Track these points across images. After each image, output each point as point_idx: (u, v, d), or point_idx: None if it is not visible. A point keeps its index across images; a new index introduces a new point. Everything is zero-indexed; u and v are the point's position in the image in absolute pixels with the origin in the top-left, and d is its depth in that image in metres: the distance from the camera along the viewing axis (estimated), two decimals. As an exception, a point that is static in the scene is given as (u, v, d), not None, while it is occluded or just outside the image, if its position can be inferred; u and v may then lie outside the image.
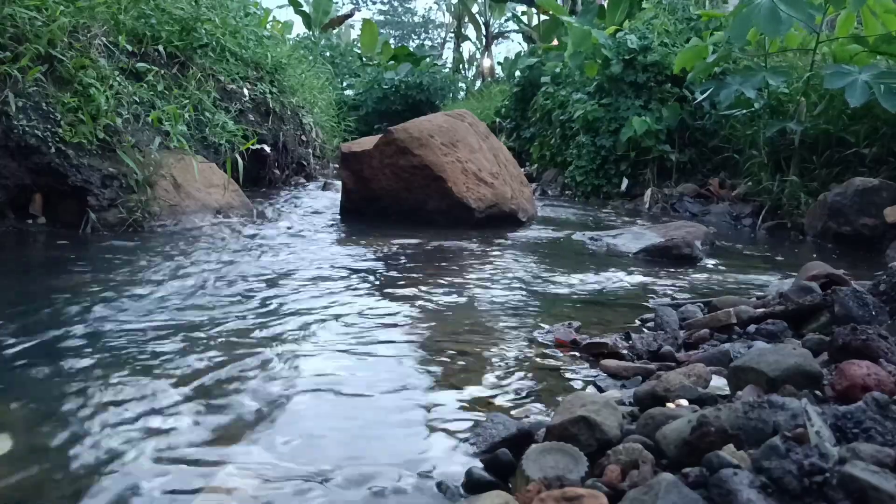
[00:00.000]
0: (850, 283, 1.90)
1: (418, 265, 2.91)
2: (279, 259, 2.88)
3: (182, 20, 4.60)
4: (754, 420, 0.95)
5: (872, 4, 4.35)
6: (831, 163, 4.49)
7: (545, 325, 1.95)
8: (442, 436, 1.22)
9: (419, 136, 4.06)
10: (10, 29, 3.14)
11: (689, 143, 6.10)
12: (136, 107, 3.73)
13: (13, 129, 3.04)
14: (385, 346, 1.74)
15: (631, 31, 6.35)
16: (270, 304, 2.12)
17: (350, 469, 1.09)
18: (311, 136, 6.86)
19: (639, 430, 1.08)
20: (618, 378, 1.53)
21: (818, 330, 1.63)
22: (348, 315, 2.02)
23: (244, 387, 1.44)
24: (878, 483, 0.76)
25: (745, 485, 0.80)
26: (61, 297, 2.07)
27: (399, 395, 1.42)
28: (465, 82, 18.49)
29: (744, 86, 4.67)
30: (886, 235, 3.66)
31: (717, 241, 3.89)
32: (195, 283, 2.35)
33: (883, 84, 3.83)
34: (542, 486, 0.92)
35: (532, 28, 15.54)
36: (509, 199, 4.35)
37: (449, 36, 24.31)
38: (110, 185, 3.36)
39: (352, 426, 1.27)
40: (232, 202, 4.00)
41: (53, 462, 1.09)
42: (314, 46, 13.56)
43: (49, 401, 1.32)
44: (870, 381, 1.09)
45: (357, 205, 4.33)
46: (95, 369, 1.49)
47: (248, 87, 5.41)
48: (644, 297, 2.41)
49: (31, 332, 1.74)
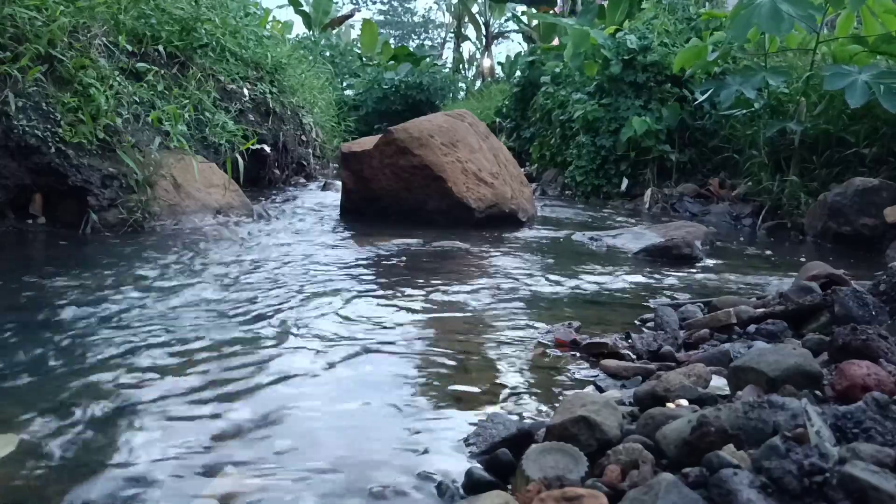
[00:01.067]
0: (850, 283, 1.90)
1: (418, 265, 2.91)
2: (279, 259, 2.88)
3: (182, 20, 4.60)
4: (754, 420, 0.95)
5: (872, 4, 4.35)
6: (831, 163, 4.49)
7: (545, 325, 1.95)
8: (442, 436, 1.22)
9: (419, 136, 4.06)
10: (10, 29, 3.14)
11: (689, 143, 6.10)
12: (136, 107, 3.73)
13: (13, 129, 3.04)
14: (385, 346, 1.74)
15: (631, 31, 6.35)
16: (270, 304, 2.12)
17: (350, 469, 1.09)
18: (311, 136, 6.86)
19: (639, 430, 1.08)
20: (618, 378, 1.53)
21: (818, 330, 1.63)
22: (348, 315, 2.02)
23: (244, 387, 1.43)
24: (878, 483, 0.76)
25: (745, 485, 0.80)
26: (61, 296, 2.07)
27: (398, 394, 1.42)
28: (465, 82, 18.48)
29: (744, 86, 4.66)
30: (886, 235, 3.66)
31: (717, 241, 3.89)
32: (195, 284, 2.35)
33: (883, 84, 3.83)
34: (542, 486, 0.92)
35: (532, 28, 15.54)
36: (509, 199, 4.35)
37: (449, 36, 24.31)
38: (110, 185, 3.36)
39: (351, 426, 1.27)
40: (232, 202, 4.00)
41: (54, 462, 1.09)
42: (314, 46, 13.55)
43: (49, 401, 1.32)
44: (870, 381, 1.09)
45: (357, 205, 4.33)
46: (95, 369, 1.49)
47: (248, 87, 5.41)
48: (644, 297, 2.41)
49: (30, 331, 1.74)
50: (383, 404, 1.37)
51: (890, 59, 4.47)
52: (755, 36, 4.77)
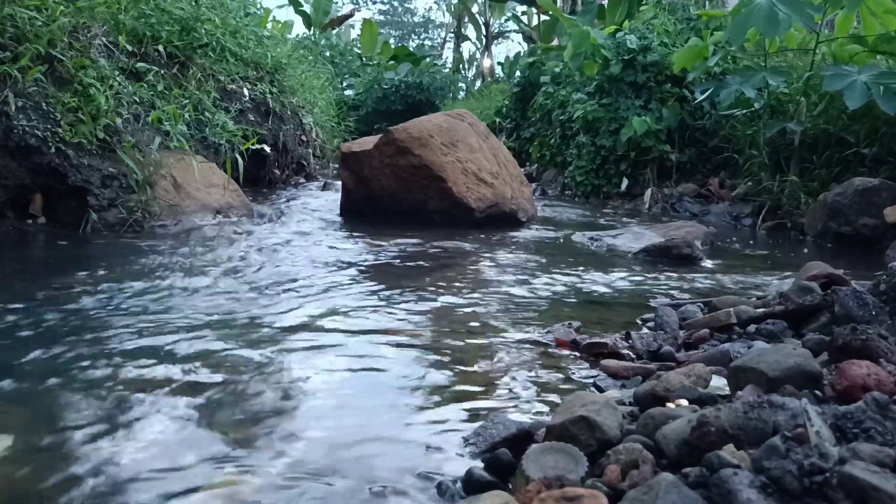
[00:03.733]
0: (850, 283, 1.90)
1: (418, 265, 2.91)
2: (278, 259, 2.88)
3: (182, 20, 4.60)
4: (754, 420, 0.95)
5: (871, 4, 4.34)
6: (831, 163, 4.49)
7: (545, 325, 1.95)
8: (442, 436, 1.22)
9: (419, 136, 4.06)
10: (10, 29, 3.14)
11: (689, 143, 6.10)
12: (136, 107, 3.73)
13: (13, 129, 3.04)
14: (384, 346, 1.74)
15: (630, 31, 6.35)
16: (269, 304, 2.12)
17: (349, 469, 1.09)
18: (311, 136, 6.86)
19: (639, 430, 1.08)
20: (618, 378, 1.53)
21: (818, 330, 1.63)
22: (348, 315, 2.02)
23: (243, 387, 1.43)
24: (878, 483, 0.76)
25: (745, 485, 0.80)
26: (61, 296, 2.07)
27: (398, 395, 1.42)
28: (465, 82, 18.50)
29: (744, 86, 4.66)
30: (886, 235, 3.66)
31: (717, 241, 3.89)
32: (194, 283, 2.35)
33: (882, 85, 3.82)
34: (542, 486, 0.92)
35: (532, 28, 15.54)
36: (509, 199, 4.35)
37: (449, 36, 24.32)
38: (110, 185, 3.36)
39: (351, 426, 1.27)
40: (232, 202, 4.00)
41: (53, 462, 1.09)
42: (314, 46, 13.54)
43: (49, 401, 1.32)
44: (870, 381, 1.09)
45: (357, 205, 4.33)
46: (95, 369, 1.49)
47: (248, 87, 5.41)
48: (644, 297, 2.41)
49: (30, 331, 1.74)
50: (383, 404, 1.37)
51: (890, 58, 4.46)
52: (755, 36, 4.77)
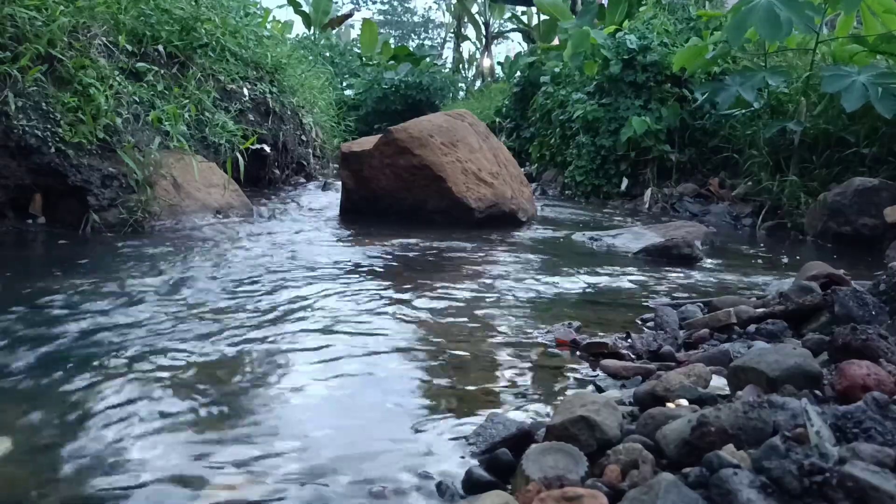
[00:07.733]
0: (850, 283, 1.90)
1: (418, 265, 2.91)
2: (278, 259, 2.88)
3: (182, 20, 4.60)
4: (754, 420, 0.95)
5: (872, 3, 4.34)
6: (831, 163, 4.49)
7: (545, 325, 1.95)
8: (442, 436, 1.22)
9: (419, 136, 4.06)
10: (10, 29, 3.14)
11: (689, 143, 6.10)
12: (136, 107, 3.73)
13: (13, 129, 3.04)
14: (384, 346, 1.74)
15: (630, 31, 6.35)
16: (269, 304, 2.12)
17: (349, 469, 1.09)
18: (311, 136, 6.86)
19: (639, 430, 1.08)
20: (618, 378, 1.53)
21: (818, 330, 1.63)
22: (348, 315, 2.02)
23: (243, 387, 1.44)
24: (878, 483, 0.76)
25: (745, 485, 0.80)
26: (61, 296, 2.07)
27: (398, 394, 1.42)
28: (465, 82, 18.49)
29: (743, 86, 4.66)
30: (886, 235, 3.66)
31: (717, 240, 3.89)
32: (195, 283, 2.35)
33: (881, 87, 3.82)
34: (542, 486, 0.92)
35: (532, 28, 15.54)
36: (509, 199, 4.35)
37: (449, 36, 24.31)
38: (110, 185, 3.35)
39: (351, 426, 1.27)
40: (232, 202, 4.00)
41: (53, 462, 1.09)
42: (314, 46, 13.54)
43: (49, 401, 1.32)
44: (870, 381, 1.09)
45: (357, 205, 4.33)
46: (95, 369, 1.49)
47: (248, 87, 5.40)
48: (644, 297, 2.41)
49: (30, 332, 1.74)
50: (383, 404, 1.37)
51: (890, 58, 4.46)
52: (754, 35, 4.77)
